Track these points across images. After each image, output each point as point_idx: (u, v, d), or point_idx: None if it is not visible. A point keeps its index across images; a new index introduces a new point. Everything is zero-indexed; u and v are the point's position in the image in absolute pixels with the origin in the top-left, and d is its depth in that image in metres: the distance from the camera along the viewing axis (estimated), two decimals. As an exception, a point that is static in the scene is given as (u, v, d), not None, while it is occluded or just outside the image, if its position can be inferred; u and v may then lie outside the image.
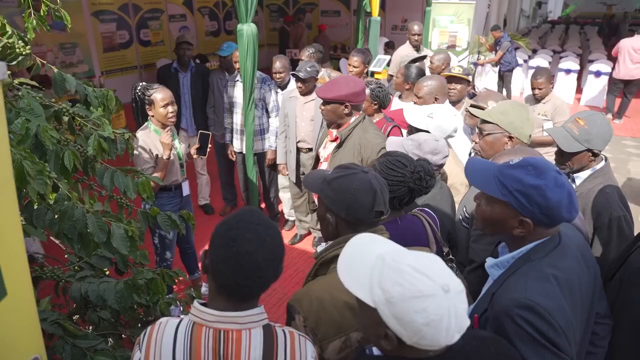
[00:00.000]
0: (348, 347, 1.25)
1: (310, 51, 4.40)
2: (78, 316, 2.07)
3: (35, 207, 1.65)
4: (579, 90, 10.29)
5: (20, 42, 1.94)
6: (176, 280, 2.13)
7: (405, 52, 4.66)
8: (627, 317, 1.52)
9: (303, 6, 12.64)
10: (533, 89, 4.24)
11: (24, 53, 1.92)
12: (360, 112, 2.67)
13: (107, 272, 2.16)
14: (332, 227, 1.36)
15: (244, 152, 4.03)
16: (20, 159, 1.43)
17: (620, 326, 1.53)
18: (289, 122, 3.98)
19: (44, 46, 6.89)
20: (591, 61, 10.41)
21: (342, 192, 1.32)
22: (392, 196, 1.63)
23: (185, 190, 3.21)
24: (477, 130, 2.17)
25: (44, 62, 2.00)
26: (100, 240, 1.62)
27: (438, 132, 2.22)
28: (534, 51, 11.50)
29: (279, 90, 4.25)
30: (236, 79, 4.10)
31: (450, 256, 1.77)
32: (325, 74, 4.37)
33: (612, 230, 2.05)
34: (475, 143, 2.17)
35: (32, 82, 1.93)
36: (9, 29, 1.95)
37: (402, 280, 0.92)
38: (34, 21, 2.04)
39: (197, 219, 2.63)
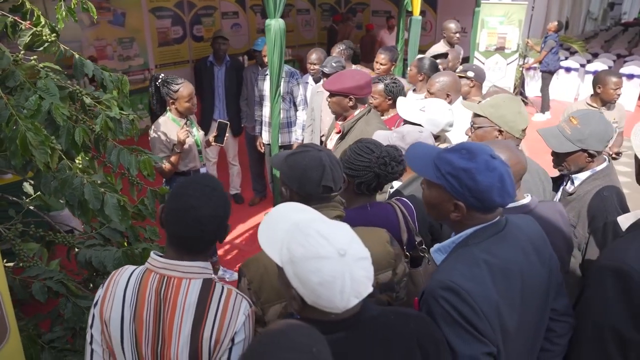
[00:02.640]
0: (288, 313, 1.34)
1: (341, 48, 4.47)
2: (92, 285, 2.29)
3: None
4: (643, 97, 9.64)
5: (48, 30, 2.17)
6: None
7: (436, 50, 4.63)
8: (585, 316, 1.49)
9: (354, 6, 12.68)
10: (615, 89, 3.49)
11: (49, 40, 2.15)
12: (366, 105, 2.72)
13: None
14: (287, 200, 1.46)
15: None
16: (24, 130, 1.63)
17: (579, 325, 1.51)
18: (315, 116, 4.08)
19: (104, 40, 7.41)
20: (662, 66, 9.71)
21: (294, 168, 1.43)
22: (360, 181, 1.69)
23: (204, 176, 3.38)
24: (470, 124, 2.17)
25: (67, 48, 2.22)
26: (95, 207, 1.80)
27: (430, 125, 2.23)
28: (595, 55, 10.88)
29: (312, 83, 4.36)
30: (266, 73, 4.25)
31: (423, 246, 1.79)
32: (353, 71, 4.42)
33: (607, 234, 1.98)
34: (469, 137, 2.17)
35: (55, 66, 2.15)
36: (42, 19, 2.19)
37: (305, 242, 1.01)
38: (64, 12, 2.28)
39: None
